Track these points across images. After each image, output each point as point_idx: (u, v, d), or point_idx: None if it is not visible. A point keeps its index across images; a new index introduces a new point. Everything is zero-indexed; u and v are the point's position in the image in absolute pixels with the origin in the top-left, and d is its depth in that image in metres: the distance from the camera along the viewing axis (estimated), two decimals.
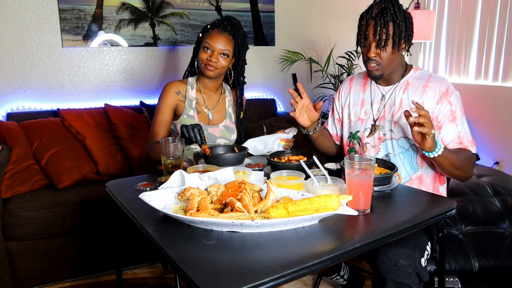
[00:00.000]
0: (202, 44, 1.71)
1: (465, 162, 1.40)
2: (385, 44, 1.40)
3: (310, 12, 3.37)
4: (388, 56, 1.43)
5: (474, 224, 1.75)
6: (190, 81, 1.81)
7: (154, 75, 2.88)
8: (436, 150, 1.29)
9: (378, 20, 1.39)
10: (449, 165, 1.35)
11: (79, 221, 2.01)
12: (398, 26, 1.40)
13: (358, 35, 1.47)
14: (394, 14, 1.39)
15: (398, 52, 1.44)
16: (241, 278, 0.79)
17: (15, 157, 2.12)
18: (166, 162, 1.37)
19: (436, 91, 1.45)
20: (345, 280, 1.92)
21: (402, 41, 1.42)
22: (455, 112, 1.44)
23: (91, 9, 2.60)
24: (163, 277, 2.15)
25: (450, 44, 3.34)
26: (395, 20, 1.39)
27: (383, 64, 1.45)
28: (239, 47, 1.74)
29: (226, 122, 1.84)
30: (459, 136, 1.44)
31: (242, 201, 1.01)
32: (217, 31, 1.70)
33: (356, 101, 1.63)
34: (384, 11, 1.39)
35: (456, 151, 1.40)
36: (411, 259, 1.20)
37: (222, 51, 1.69)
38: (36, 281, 2.00)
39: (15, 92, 2.51)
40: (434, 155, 1.30)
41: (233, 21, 1.73)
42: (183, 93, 1.77)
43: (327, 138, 1.70)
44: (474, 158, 1.45)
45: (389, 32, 1.39)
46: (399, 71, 1.52)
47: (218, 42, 1.68)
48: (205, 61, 1.69)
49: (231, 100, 1.89)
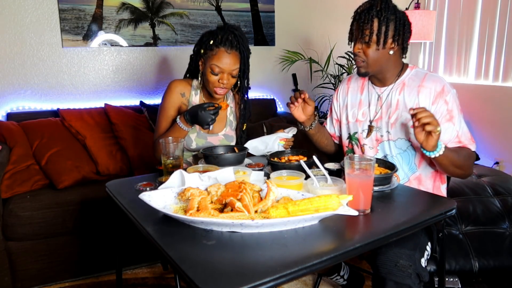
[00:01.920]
0: (209, 64, 1.60)
1: (465, 160, 1.40)
2: (369, 40, 1.41)
3: (310, 12, 3.37)
4: (373, 53, 1.43)
5: (474, 224, 1.75)
6: (195, 86, 1.75)
7: (154, 75, 2.88)
8: (437, 149, 1.29)
9: (363, 16, 1.41)
10: (450, 164, 1.35)
11: (79, 221, 2.01)
12: (385, 23, 1.40)
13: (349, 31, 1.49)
14: (380, 11, 1.40)
15: (384, 51, 1.43)
16: (241, 278, 0.79)
17: (15, 157, 2.12)
18: (166, 162, 1.37)
19: (432, 91, 1.44)
20: (345, 280, 1.92)
21: (388, 39, 1.42)
22: (452, 111, 1.43)
23: (91, 9, 2.60)
24: (163, 277, 2.15)
25: (450, 44, 3.34)
26: (380, 17, 1.39)
27: (368, 61, 1.45)
28: (245, 60, 1.67)
29: (226, 131, 1.80)
30: (457, 135, 1.44)
31: (242, 201, 1.01)
32: (224, 50, 1.58)
33: (354, 102, 1.63)
34: (371, 8, 1.41)
35: (456, 150, 1.40)
36: (411, 260, 1.20)
37: (232, 71, 1.61)
38: (36, 281, 2.00)
39: (15, 92, 2.51)
40: (436, 154, 1.30)
41: (237, 34, 1.61)
42: (187, 97, 1.73)
43: (325, 136, 1.71)
44: (474, 155, 1.45)
45: (373, 29, 1.40)
46: (392, 71, 1.51)
47: (227, 63, 1.59)
48: (215, 85, 1.62)
49: (233, 107, 1.85)
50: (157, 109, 1.82)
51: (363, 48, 1.44)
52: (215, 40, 1.59)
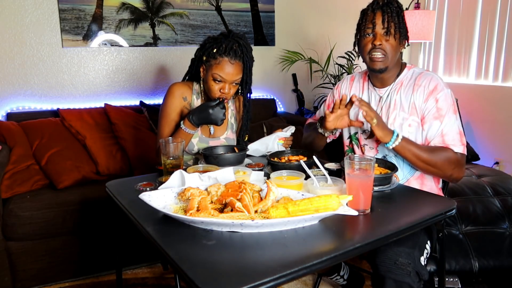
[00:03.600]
0: (211, 73, 1.58)
1: (439, 159, 1.38)
2: (394, 32, 1.42)
3: (310, 12, 3.37)
4: (393, 47, 1.44)
5: (474, 224, 1.76)
6: (196, 89, 1.73)
7: (154, 75, 2.88)
8: (392, 140, 1.30)
9: (385, 10, 1.43)
10: (413, 157, 1.37)
11: (79, 221, 2.01)
12: (403, 20, 1.45)
13: (362, 26, 1.46)
14: (398, 8, 1.45)
15: (400, 47, 1.47)
16: (241, 278, 0.79)
17: (15, 157, 2.12)
18: (166, 162, 1.37)
19: (425, 89, 1.45)
20: (345, 280, 1.92)
21: (403, 37, 1.46)
22: (441, 109, 1.42)
23: (91, 9, 2.60)
24: (163, 277, 2.15)
25: (450, 44, 3.34)
26: (399, 14, 1.44)
27: (388, 55, 1.44)
28: (248, 69, 1.66)
29: (227, 134, 1.78)
30: (441, 134, 1.41)
31: (242, 201, 1.01)
32: (228, 61, 1.56)
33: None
34: (390, 3, 1.44)
35: (431, 148, 1.40)
36: (411, 258, 1.20)
37: (234, 81, 1.60)
38: (36, 281, 2.00)
39: (15, 92, 2.51)
40: (391, 145, 1.32)
41: (241, 43, 1.59)
42: (189, 101, 1.71)
43: (324, 139, 1.70)
44: (455, 157, 1.40)
45: (396, 22, 1.42)
46: (394, 71, 1.52)
47: (230, 73, 1.57)
48: (217, 94, 1.60)
49: (233, 110, 1.83)
50: (157, 109, 1.81)
51: (386, 41, 1.44)
52: (218, 49, 1.56)
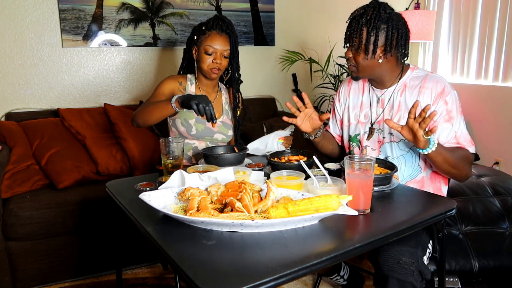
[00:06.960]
0: (202, 47, 1.73)
1: (460, 160, 1.39)
2: (358, 48, 1.41)
3: (310, 12, 3.37)
4: (362, 61, 1.43)
5: (474, 224, 1.75)
6: (189, 77, 1.86)
7: (154, 75, 2.88)
8: (430, 146, 1.29)
9: (353, 24, 1.41)
10: (443, 162, 1.35)
11: (79, 221, 2.01)
12: (374, 33, 1.38)
13: (345, 34, 1.48)
14: (370, 20, 1.38)
15: (373, 59, 1.42)
16: (241, 278, 0.79)
17: (15, 157, 2.12)
18: (166, 162, 1.37)
19: (432, 91, 1.44)
20: (345, 280, 1.92)
21: (378, 49, 1.40)
22: (451, 111, 1.43)
23: (91, 9, 2.60)
24: (163, 277, 2.15)
25: (450, 44, 3.34)
26: (369, 27, 1.38)
27: (358, 68, 1.46)
28: (234, 43, 1.78)
29: (223, 118, 1.88)
30: (455, 136, 1.43)
31: (242, 201, 1.01)
32: (216, 33, 1.73)
33: (355, 104, 1.62)
34: (362, 16, 1.40)
35: (452, 149, 1.40)
36: (414, 257, 1.20)
37: (224, 52, 1.74)
38: (36, 281, 2.00)
39: (15, 92, 2.51)
40: (428, 151, 1.30)
41: (226, 20, 1.76)
42: (184, 86, 1.82)
43: (329, 141, 1.69)
44: (471, 157, 1.44)
45: (361, 38, 1.40)
46: (389, 75, 1.50)
47: (219, 43, 1.72)
48: (210, 65, 1.73)
49: (227, 98, 1.93)
50: None
51: (353, 54, 1.44)
52: (206, 26, 1.75)
